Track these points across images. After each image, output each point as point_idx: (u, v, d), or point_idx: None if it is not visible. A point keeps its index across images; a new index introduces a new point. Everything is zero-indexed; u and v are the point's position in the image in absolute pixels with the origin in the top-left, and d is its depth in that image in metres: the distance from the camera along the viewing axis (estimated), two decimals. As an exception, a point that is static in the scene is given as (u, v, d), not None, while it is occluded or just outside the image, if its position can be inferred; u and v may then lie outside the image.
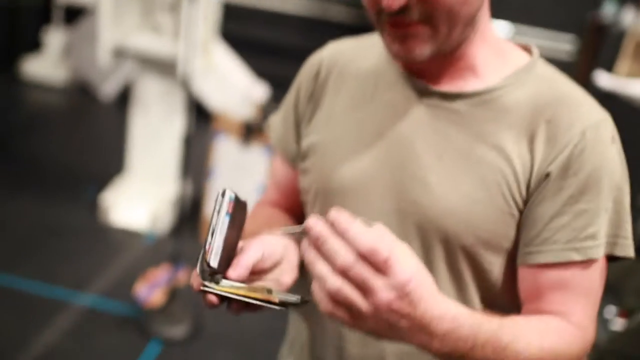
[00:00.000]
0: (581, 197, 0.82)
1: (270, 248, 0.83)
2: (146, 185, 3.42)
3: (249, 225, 0.83)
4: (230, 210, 0.76)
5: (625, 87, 3.06)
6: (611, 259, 0.86)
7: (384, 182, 0.91)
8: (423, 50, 0.82)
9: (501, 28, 5.17)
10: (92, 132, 4.89)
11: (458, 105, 0.88)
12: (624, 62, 3.33)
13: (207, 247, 0.73)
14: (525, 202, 0.85)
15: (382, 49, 0.96)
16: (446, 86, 0.90)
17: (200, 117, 3.90)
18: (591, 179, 0.82)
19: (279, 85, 4.32)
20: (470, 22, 0.83)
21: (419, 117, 0.90)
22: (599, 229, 0.82)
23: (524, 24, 5.25)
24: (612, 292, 2.21)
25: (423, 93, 0.90)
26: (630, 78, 3.24)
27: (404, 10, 0.77)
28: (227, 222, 0.76)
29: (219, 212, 0.75)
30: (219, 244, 0.74)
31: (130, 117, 3.41)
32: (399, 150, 0.90)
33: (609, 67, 3.41)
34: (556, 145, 0.83)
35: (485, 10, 0.87)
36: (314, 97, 1.03)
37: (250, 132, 3.00)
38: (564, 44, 5.06)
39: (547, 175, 0.83)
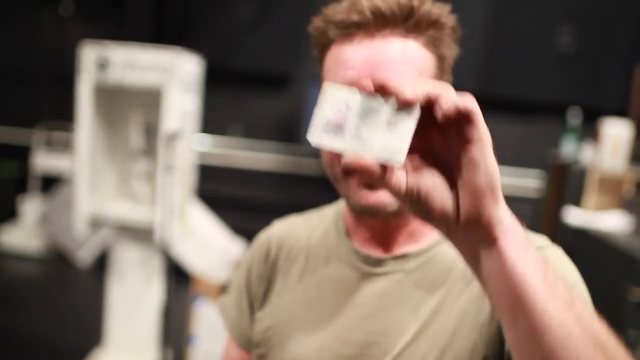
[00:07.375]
0: None
1: None
2: (126, 358, 3.31)
3: None
4: None
5: (593, 221, 3.14)
6: None
7: None
8: (393, 200, 0.83)
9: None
10: (69, 301, 4.79)
11: (409, 264, 0.89)
12: (590, 197, 3.43)
13: None
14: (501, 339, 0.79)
15: (329, 225, 0.98)
16: (394, 251, 0.92)
17: (178, 279, 3.87)
18: None
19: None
20: None
21: (376, 288, 0.90)
22: None
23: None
24: None
25: (374, 263, 0.92)
26: (597, 212, 3.33)
27: None
28: None
29: None
30: None
31: (108, 285, 3.36)
32: (362, 327, 0.89)
33: (577, 202, 3.50)
34: None
35: None
36: (265, 278, 1.02)
37: (230, 295, 2.97)
38: (530, 181, 5.23)
39: None
